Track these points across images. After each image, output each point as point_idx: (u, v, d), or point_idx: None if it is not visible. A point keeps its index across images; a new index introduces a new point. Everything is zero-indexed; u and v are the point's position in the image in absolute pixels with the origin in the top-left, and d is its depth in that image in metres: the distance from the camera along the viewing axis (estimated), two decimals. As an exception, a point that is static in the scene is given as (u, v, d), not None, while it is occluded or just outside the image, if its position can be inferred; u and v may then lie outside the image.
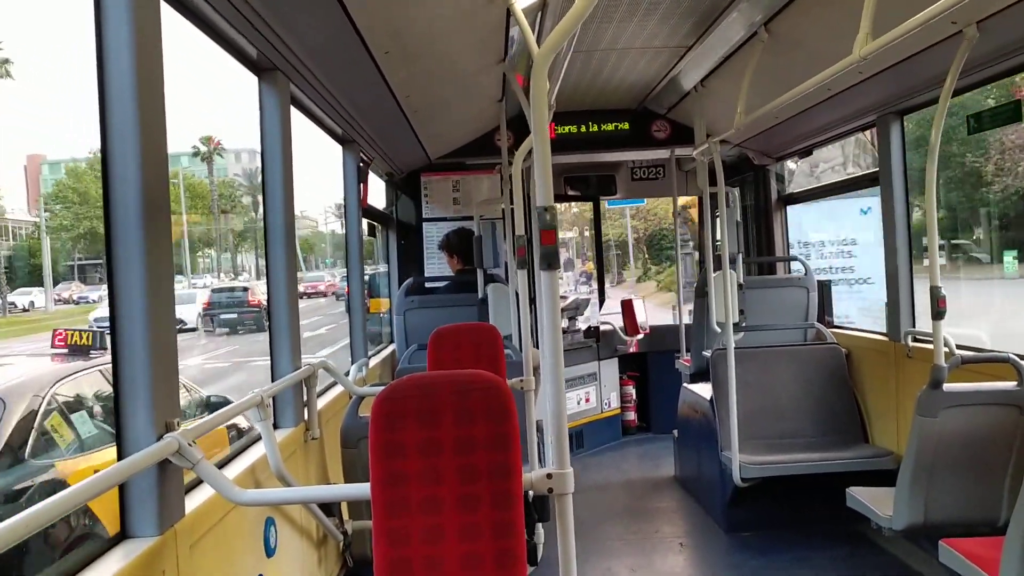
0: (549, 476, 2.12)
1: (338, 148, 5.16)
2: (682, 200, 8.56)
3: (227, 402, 4.72)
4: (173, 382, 2.21)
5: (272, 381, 3.35)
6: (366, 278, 5.94)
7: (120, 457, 2.03)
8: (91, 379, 5.71)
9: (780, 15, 3.97)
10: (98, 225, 54.57)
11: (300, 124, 4.03)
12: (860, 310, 8.17)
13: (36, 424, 4.82)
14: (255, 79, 3.32)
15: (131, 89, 2.03)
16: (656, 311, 13.86)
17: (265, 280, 3.52)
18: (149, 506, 2.07)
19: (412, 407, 2.13)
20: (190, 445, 2.14)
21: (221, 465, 2.79)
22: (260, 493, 2.68)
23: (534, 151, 2.15)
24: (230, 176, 74.11)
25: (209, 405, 6.81)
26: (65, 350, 6.28)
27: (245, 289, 29.79)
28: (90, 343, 6.41)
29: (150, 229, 2.06)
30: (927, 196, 3.61)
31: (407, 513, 2.11)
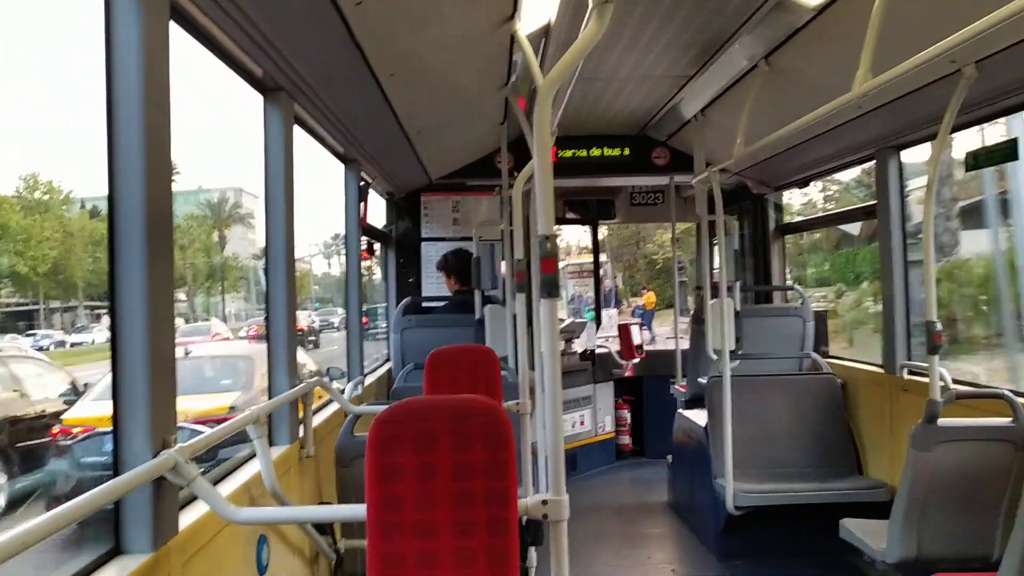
0: (545, 503, 2.12)
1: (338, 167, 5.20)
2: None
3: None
4: (171, 399, 2.21)
5: (270, 398, 3.35)
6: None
7: (116, 473, 2.03)
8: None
9: (781, 49, 4.02)
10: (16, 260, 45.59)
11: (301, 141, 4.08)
12: None
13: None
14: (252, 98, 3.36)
15: (138, 107, 2.04)
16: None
17: (266, 311, 3.53)
18: (144, 523, 2.06)
19: (409, 430, 2.14)
20: (186, 462, 2.14)
21: (215, 482, 2.78)
22: (255, 512, 2.67)
23: (536, 180, 2.16)
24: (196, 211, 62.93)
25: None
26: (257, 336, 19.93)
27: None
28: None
29: (152, 249, 2.06)
30: (924, 231, 3.64)
31: (402, 536, 2.11)
